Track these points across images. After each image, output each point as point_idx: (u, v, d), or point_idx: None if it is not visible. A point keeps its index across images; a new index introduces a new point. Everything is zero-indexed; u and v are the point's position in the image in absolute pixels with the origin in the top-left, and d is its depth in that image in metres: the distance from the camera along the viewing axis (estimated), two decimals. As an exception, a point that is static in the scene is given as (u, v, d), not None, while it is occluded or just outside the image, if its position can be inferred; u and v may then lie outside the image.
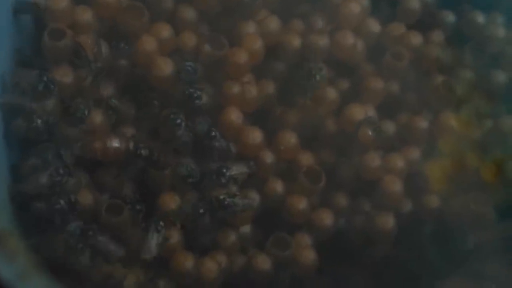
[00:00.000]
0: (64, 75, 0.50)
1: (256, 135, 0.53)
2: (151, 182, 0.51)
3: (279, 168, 0.54)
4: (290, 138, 0.54)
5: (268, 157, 0.53)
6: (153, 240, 0.49)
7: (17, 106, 0.49)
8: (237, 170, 0.51)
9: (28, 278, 0.38)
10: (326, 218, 0.53)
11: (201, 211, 0.50)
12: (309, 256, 0.52)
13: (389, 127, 0.56)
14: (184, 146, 0.51)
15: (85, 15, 0.52)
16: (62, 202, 0.48)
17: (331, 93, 0.55)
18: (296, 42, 0.56)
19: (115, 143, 0.50)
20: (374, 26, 0.58)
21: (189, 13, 0.54)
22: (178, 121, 0.51)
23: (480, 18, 0.59)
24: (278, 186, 0.53)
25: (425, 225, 0.54)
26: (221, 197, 0.50)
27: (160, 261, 0.50)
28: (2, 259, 0.39)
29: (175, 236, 0.50)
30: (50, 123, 0.49)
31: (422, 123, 0.56)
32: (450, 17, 0.60)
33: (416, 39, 0.58)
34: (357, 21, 0.57)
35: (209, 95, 0.52)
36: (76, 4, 0.52)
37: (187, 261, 0.50)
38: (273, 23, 0.56)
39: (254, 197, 0.53)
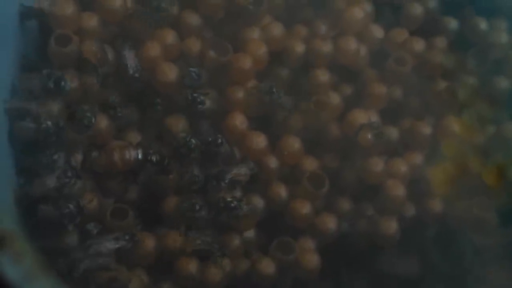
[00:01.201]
0: (70, 81, 0.50)
1: (260, 140, 0.53)
2: (156, 186, 0.51)
3: (282, 173, 0.54)
4: (294, 143, 0.54)
5: (272, 162, 0.53)
6: None
7: (24, 111, 0.49)
8: (237, 172, 0.51)
9: (34, 279, 0.39)
10: (330, 223, 0.53)
11: (201, 212, 0.50)
12: (312, 260, 0.52)
13: (392, 132, 0.56)
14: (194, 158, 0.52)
15: (91, 21, 0.52)
16: (71, 206, 0.48)
17: (335, 98, 0.55)
18: (299, 47, 0.56)
19: (125, 155, 0.50)
20: (377, 31, 0.58)
21: (193, 19, 0.55)
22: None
23: (483, 24, 0.59)
24: (281, 191, 0.53)
25: (428, 229, 0.55)
26: (228, 199, 0.50)
27: (165, 264, 0.50)
28: (9, 260, 0.39)
29: (179, 240, 0.50)
30: (60, 125, 0.49)
31: (425, 128, 0.56)
32: (453, 23, 0.60)
33: (419, 44, 0.58)
34: (361, 26, 0.57)
35: (213, 100, 0.53)
36: (82, 10, 0.52)
37: (191, 265, 0.50)
38: (277, 29, 0.56)
39: (258, 201, 0.53)
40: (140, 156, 0.50)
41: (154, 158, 0.50)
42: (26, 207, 0.48)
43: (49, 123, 0.49)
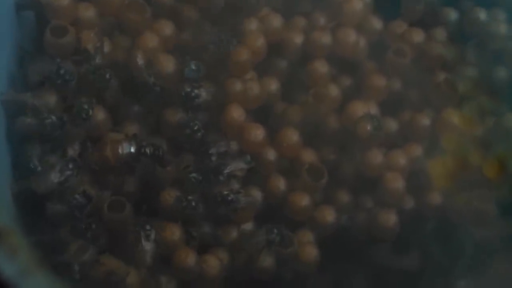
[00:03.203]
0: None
1: (258, 132, 0.53)
2: (153, 178, 0.51)
3: (281, 165, 0.54)
4: (293, 135, 0.54)
5: (271, 154, 0.53)
6: (147, 248, 0.49)
7: (20, 103, 0.49)
8: (234, 166, 0.51)
9: (30, 275, 0.38)
10: (329, 215, 0.53)
11: (199, 208, 0.50)
12: (311, 252, 0.52)
13: (392, 124, 0.56)
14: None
15: (88, 12, 0.52)
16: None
17: (333, 90, 0.55)
18: (298, 39, 0.56)
19: (117, 149, 0.50)
20: (377, 23, 0.58)
21: (191, 10, 0.54)
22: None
23: (482, 15, 0.59)
24: (280, 183, 0.53)
25: (427, 222, 0.54)
26: (225, 192, 0.50)
27: (162, 258, 0.50)
28: (4, 256, 0.39)
29: (177, 233, 0.50)
30: (64, 119, 0.49)
31: (425, 120, 0.56)
32: (452, 14, 0.60)
33: (418, 36, 0.58)
34: (360, 18, 0.57)
35: (210, 93, 0.52)
36: (79, 0, 0.52)
37: (189, 258, 0.50)
38: (276, 20, 0.56)
39: (257, 194, 0.53)
40: (133, 150, 0.50)
41: (147, 151, 0.50)
42: (23, 202, 0.48)
43: (53, 117, 0.48)
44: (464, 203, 0.54)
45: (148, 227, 0.49)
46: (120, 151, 0.49)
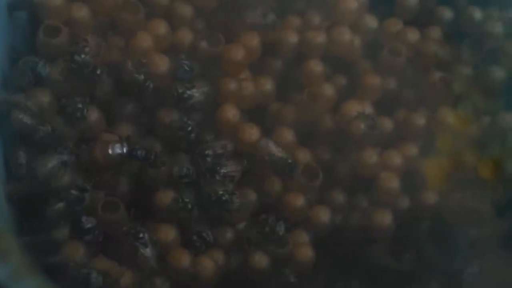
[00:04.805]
0: (59, 72, 0.50)
1: (253, 132, 0.53)
2: (147, 179, 0.51)
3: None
4: (287, 135, 0.53)
5: (266, 154, 0.53)
6: (147, 255, 0.49)
7: (12, 103, 0.49)
8: (230, 168, 0.51)
9: (22, 278, 0.38)
10: (324, 215, 0.53)
11: (194, 210, 0.50)
12: (306, 253, 0.52)
13: (386, 123, 0.56)
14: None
15: (81, 12, 0.52)
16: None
17: (328, 90, 0.55)
18: (293, 38, 0.55)
19: (107, 151, 0.49)
20: (372, 22, 0.58)
21: (185, 10, 0.54)
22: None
23: (477, 13, 0.59)
24: (275, 183, 0.53)
25: (422, 221, 0.54)
26: (220, 192, 0.50)
27: (157, 258, 0.50)
28: (-4, 259, 0.39)
29: (172, 234, 0.50)
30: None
31: (420, 120, 0.56)
32: (447, 13, 0.60)
33: (413, 35, 0.58)
34: (355, 17, 0.57)
35: (204, 93, 0.52)
36: (72, 0, 0.52)
37: (184, 259, 0.49)
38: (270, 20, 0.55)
39: (251, 197, 0.52)
40: (124, 151, 0.49)
41: (139, 153, 0.49)
42: (16, 204, 0.47)
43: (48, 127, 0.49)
44: (459, 203, 0.54)
45: (141, 235, 0.48)
46: (110, 152, 0.49)
